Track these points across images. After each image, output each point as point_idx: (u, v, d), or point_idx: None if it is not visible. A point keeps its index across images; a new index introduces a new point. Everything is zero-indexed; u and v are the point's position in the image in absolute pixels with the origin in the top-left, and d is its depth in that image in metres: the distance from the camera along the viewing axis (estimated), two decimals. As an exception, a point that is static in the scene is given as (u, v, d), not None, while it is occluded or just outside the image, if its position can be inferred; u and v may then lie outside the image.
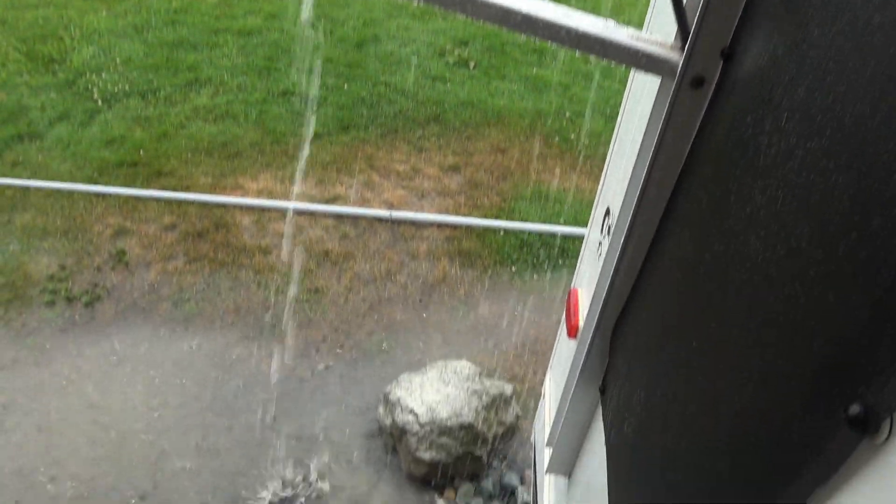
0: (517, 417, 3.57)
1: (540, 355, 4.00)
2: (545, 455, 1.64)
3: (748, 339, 0.71)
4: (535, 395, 3.75)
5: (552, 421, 1.66)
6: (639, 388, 1.00)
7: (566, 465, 1.55)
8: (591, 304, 1.35)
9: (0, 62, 6.51)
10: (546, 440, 1.65)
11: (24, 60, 6.66)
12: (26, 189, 5.00)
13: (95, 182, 5.06)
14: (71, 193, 4.97)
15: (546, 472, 1.59)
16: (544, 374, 3.87)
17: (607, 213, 1.41)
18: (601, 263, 1.33)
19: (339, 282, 4.38)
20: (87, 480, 3.22)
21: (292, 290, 4.29)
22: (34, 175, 5.13)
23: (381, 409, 3.51)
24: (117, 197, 4.94)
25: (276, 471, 3.31)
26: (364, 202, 5.02)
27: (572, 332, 1.59)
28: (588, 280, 1.61)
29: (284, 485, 3.26)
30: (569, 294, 1.69)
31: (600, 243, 1.45)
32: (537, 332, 4.14)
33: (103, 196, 4.95)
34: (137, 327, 4.00)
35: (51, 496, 3.15)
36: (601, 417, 1.42)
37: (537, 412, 2.55)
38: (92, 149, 5.40)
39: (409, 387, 3.44)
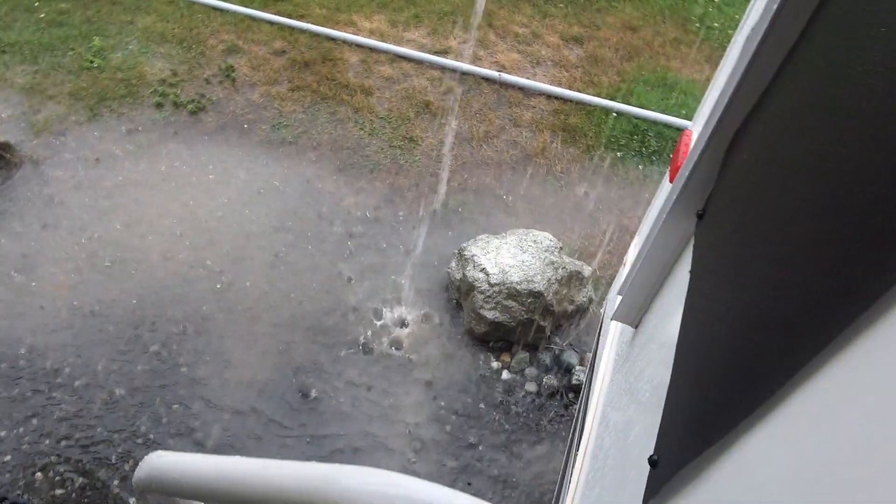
0: (589, 300, 3.44)
1: (626, 247, 3.78)
2: (614, 304, 1.50)
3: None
4: (612, 283, 3.58)
5: (627, 272, 1.51)
6: (755, 189, 0.83)
7: (634, 315, 1.41)
8: (703, 127, 1.14)
9: None
10: (618, 289, 1.51)
11: None
12: (151, -7, 5.06)
13: (215, -4, 5.05)
14: (191, 4, 4.99)
15: (612, 318, 1.47)
16: (621, 267, 3.68)
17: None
18: (725, 80, 1.12)
19: (435, 135, 4.25)
20: (171, 272, 3.41)
21: (387, 134, 4.20)
22: (159, -19, 5.17)
23: (453, 264, 3.46)
24: (234, 14, 4.92)
25: (341, 302, 3.38)
26: (475, 60, 4.77)
27: (675, 173, 1.39)
28: (706, 118, 1.38)
29: (346, 317, 3.33)
30: (681, 135, 1.48)
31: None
32: (630, 224, 3.90)
33: (221, 11, 4.94)
34: (234, 142, 4.07)
35: (134, 281, 3.37)
36: (682, 265, 1.26)
37: (612, 284, 2.40)
38: (216, -37, 5.34)
39: (485, 247, 3.35)
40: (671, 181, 1.47)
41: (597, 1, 5.44)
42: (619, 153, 4.27)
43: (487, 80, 4.61)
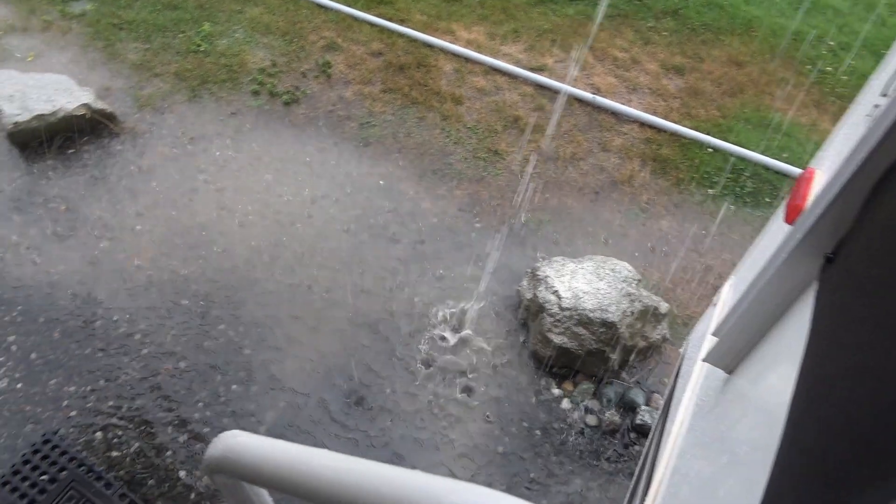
0: (663, 339, 3.28)
1: (710, 289, 3.59)
2: (697, 346, 1.39)
3: None
4: (690, 324, 3.41)
5: (726, 312, 1.39)
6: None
7: (731, 359, 1.29)
8: (840, 167, 1.03)
9: None
10: (713, 329, 1.39)
11: None
12: (262, -14, 5.23)
13: (322, -6, 5.17)
14: (298, 0, 5.13)
15: (704, 360, 1.35)
16: (708, 307, 3.49)
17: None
18: (868, 122, 1.00)
19: (521, 151, 4.18)
20: (247, 255, 3.46)
21: (473, 145, 4.17)
22: (271, -25, 5.34)
23: (524, 282, 3.37)
24: (337, 13, 5.02)
25: (406, 305, 3.34)
26: (570, 80, 4.68)
27: (794, 214, 1.27)
28: (835, 156, 1.26)
29: (408, 321, 3.29)
30: (802, 174, 1.36)
31: (875, 106, 1.10)
32: (715, 265, 3.71)
33: (325, 9, 5.05)
34: (322, 135, 4.13)
35: (210, 259, 3.44)
36: (797, 311, 1.14)
37: (696, 325, 2.26)
38: (327, -38, 5.48)
39: (560, 269, 3.25)
40: (788, 222, 1.35)
41: (703, 32, 5.26)
42: (710, 190, 4.08)
43: (580, 101, 4.52)
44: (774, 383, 1.11)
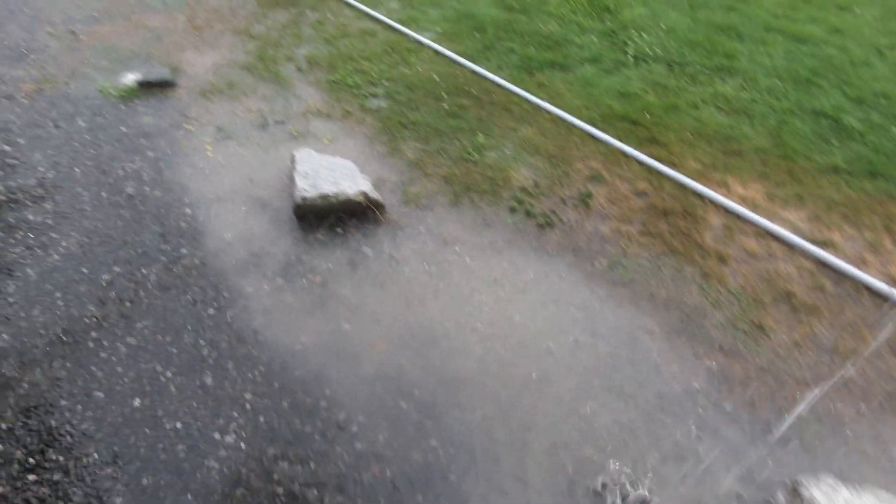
0: None
1: None
2: None
3: None
4: None
5: None
6: None
7: None
8: None
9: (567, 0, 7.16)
10: None
11: (585, 4, 7.19)
12: (538, 109, 5.41)
13: (595, 125, 5.19)
14: (571, 127, 5.20)
15: None
16: None
17: None
18: None
19: (789, 332, 3.65)
20: (471, 374, 3.35)
21: (734, 312, 3.74)
22: (550, 99, 5.52)
23: (780, 496, 2.81)
24: (607, 145, 4.99)
25: (626, 476, 2.95)
26: (861, 263, 4.08)
27: None
28: None
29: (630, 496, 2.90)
30: None
31: None
32: None
33: (595, 140, 5.06)
34: (570, 267, 3.99)
35: (436, 367, 3.38)
36: None
37: None
38: (605, 95, 5.55)
39: (831, 494, 2.67)
40: None
41: None
42: None
43: (870, 290, 3.89)
44: None
